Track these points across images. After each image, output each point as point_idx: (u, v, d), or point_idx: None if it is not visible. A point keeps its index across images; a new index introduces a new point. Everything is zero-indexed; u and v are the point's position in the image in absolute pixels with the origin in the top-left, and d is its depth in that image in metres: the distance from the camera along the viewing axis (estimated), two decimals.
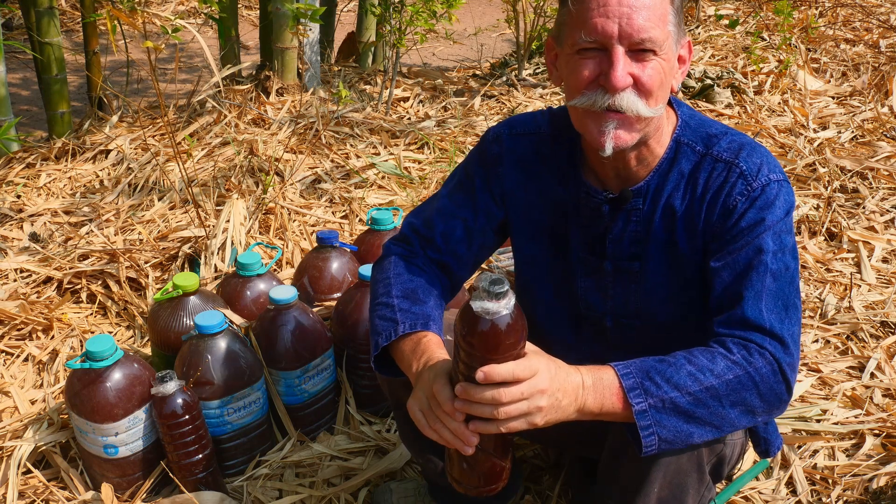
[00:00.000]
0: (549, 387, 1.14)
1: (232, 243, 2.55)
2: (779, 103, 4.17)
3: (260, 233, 2.74)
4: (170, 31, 2.39)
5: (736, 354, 1.22)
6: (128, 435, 1.77)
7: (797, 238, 2.94)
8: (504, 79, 4.46)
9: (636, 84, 1.24)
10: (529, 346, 1.16)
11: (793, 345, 1.26)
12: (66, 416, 1.97)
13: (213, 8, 3.10)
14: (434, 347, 1.31)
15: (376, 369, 1.41)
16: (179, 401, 1.75)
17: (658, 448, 1.20)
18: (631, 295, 1.43)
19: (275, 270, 2.57)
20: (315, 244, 2.37)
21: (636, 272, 1.41)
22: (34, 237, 2.78)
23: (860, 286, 2.67)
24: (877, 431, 2.06)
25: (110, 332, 2.38)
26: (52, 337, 2.32)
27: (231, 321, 1.95)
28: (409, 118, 3.89)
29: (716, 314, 1.29)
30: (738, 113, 4.05)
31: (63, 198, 3.03)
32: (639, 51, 1.22)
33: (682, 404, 1.18)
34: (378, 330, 1.38)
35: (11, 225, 2.84)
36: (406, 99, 4.10)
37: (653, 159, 1.36)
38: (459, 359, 1.13)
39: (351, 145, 3.41)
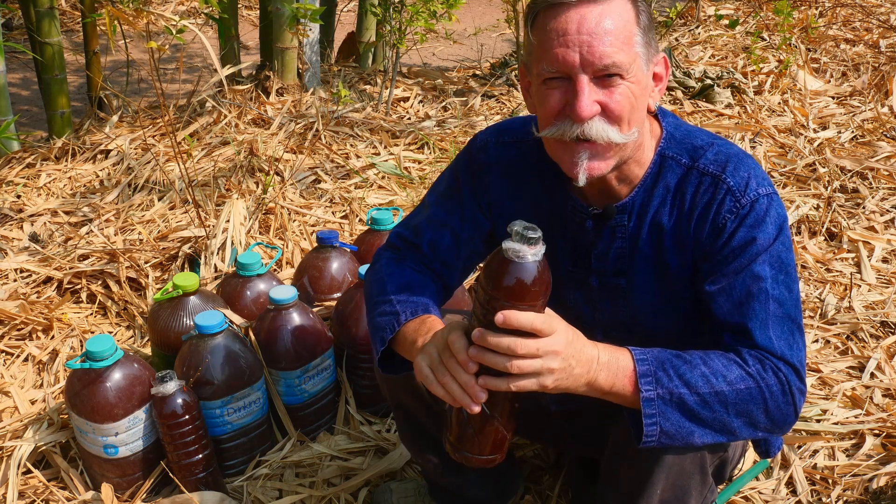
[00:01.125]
0: (564, 350, 1.13)
1: (232, 243, 2.55)
2: (779, 103, 4.17)
3: (260, 233, 2.74)
4: (174, 32, 2.39)
5: (751, 367, 1.22)
6: (128, 435, 1.77)
7: (797, 238, 2.95)
8: (504, 79, 4.46)
9: (604, 111, 1.21)
10: (550, 311, 1.15)
11: (803, 371, 1.26)
12: (66, 416, 1.97)
13: (213, 8, 3.10)
14: (439, 325, 1.30)
15: (379, 367, 1.40)
16: (179, 401, 1.75)
17: (658, 440, 1.19)
18: (619, 309, 1.42)
19: (275, 270, 2.57)
20: (315, 244, 2.37)
21: (622, 288, 1.40)
22: (34, 237, 2.78)
23: (860, 286, 2.67)
24: (877, 431, 2.06)
25: (110, 332, 2.38)
26: (52, 337, 2.32)
27: (231, 321, 1.95)
28: (409, 118, 3.89)
29: (723, 334, 1.28)
30: (738, 113, 4.05)
31: (63, 198, 3.03)
32: (604, 77, 1.20)
33: (689, 402, 1.18)
34: (381, 326, 1.37)
35: (11, 225, 2.84)
36: (406, 99, 4.10)
37: (634, 176, 1.34)
38: (479, 304, 1.13)
39: (351, 145, 3.41)
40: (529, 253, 1.07)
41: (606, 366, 1.18)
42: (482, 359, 1.12)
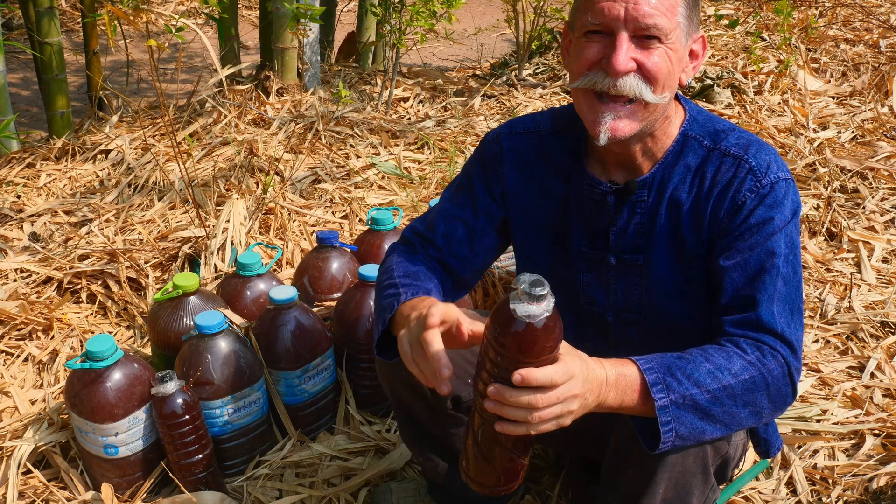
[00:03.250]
0: (581, 390, 1.12)
1: (232, 243, 2.55)
2: (779, 103, 4.16)
3: (260, 233, 2.74)
4: (173, 31, 2.39)
5: (751, 355, 1.23)
6: (128, 435, 1.77)
7: None
8: (504, 79, 4.46)
9: (641, 69, 1.24)
10: (563, 345, 1.13)
11: (799, 349, 1.27)
12: (66, 416, 1.97)
13: (213, 8, 3.10)
14: (434, 300, 1.31)
15: (377, 353, 1.39)
16: (179, 401, 1.75)
17: (672, 444, 1.20)
18: (634, 289, 1.43)
19: (275, 270, 2.57)
20: (315, 244, 2.37)
21: (640, 265, 1.41)
22: (34, 237, 2.78)
23: (860, 286, 2.67)
24: (877, 431, 2.06)
25: (110, 332, 2.38)
26: (52, 337, 2.32)
27: (231, 321, 1.95)
28: (409, 118, 3.89)
29: (727, 314, 1.29)
30: (738, 113, 4.05)
31: (63, 198, 3.03)
32: (644, 37, 1.23)
33: (701, 402, 1.19)
34: (383, 307, 1.37)
35: (11, 225, 2.84)
36: (406, 99, 4.10)
37: (658, 151, 1.37)
38: (488, 358, 1.09)
39: (351, 145, 3.41)
40: (541, 310, 1.01)
41: (615, 384, 1.17)
42: (501, 413, 1.10)
